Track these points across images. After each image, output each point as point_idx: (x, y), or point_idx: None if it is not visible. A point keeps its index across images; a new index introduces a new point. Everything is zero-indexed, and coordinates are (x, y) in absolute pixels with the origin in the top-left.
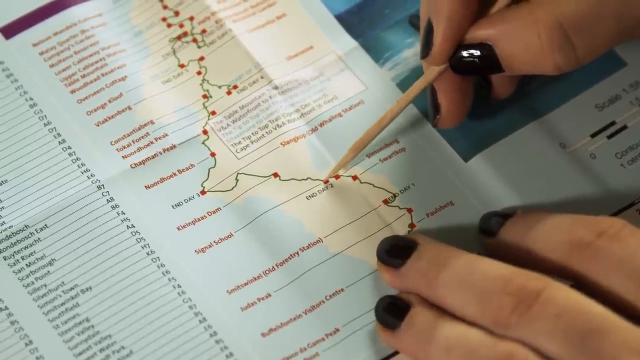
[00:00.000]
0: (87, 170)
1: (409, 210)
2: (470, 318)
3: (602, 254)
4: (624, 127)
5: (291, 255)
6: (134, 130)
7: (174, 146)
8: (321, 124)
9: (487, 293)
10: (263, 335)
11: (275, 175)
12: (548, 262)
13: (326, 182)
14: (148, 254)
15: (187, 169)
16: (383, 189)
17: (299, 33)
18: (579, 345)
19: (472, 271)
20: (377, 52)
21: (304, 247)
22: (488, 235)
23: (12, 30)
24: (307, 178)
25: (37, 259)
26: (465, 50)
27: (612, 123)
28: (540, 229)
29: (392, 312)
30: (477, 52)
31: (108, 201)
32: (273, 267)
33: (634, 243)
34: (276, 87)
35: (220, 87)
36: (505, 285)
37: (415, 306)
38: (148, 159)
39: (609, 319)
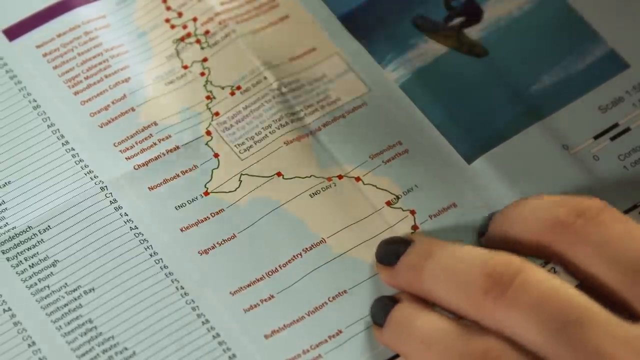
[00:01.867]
0: (91, 171)
1: (412, 212)
2: (452, 306)
3: (582, 237)
4: (627, 129)
5: (294, 256)
6: (137, 131)
7: (178, 147)
8: (324, 125)
9: (464, 279)
10: (266, 337)
11: (279, 174)
12: (530, 244)
13: (329, 179)
14: (151, 255)
15: (191, 170)
16: (386, 190)
17: (302, 34)
18: (558, 336)
19: (453, 259)
20: (380, 53)
21: (307, 248)
22: (481, 236)
23: (15, 31)
24: (311, 175)
25: (40, 260)
26: None
27: (616, 125)
28: (521, 212)
29: (380, 308)
30: None
31: (111, 202)
32: (276, 268)
33: (615, 228)
34: (279, 88)
35: (223, 88)
36: (480, 267)
37: (402, 301)
38: (151, 160)
39: (589, 308)
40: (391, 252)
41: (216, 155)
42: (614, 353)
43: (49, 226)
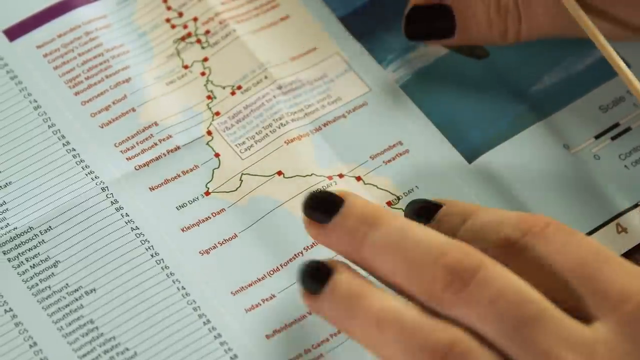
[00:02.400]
0: (91, 172)
1: None
2: (398, 284)
3: (526, 251)
4: (628, 129)
5: (295, 255)
6: (138, 131)
7: (178, 147)
8: (325, 124)
9: (419, 262)
10: (267, 336)
11: (280, 173)
12: None
13: (330, 178)
14: (152, 255)
15: (192, 170)
16: (387, 190)
17: (303, 34)
18: (513, 334)
19: (404, 235)
20: (380, 53)
21: (307, 247)
22: (419, 216)
23: (16, 32)
24: (312, 174)
25: (41, 261)
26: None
27: (616, 125)
28: (469, 226)
29: (313, 274)
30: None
31: (112, 203)
32: (277, 267)
33: (558, 240)
34: (280, 88)
35: (224, 87)
36: (439, 256)
37: (339, 271)
38: (152, 160)
39: (544, 308)
40: (321, 208)
41: (217, 155)
42: (562, 356)
43: (50, 227)
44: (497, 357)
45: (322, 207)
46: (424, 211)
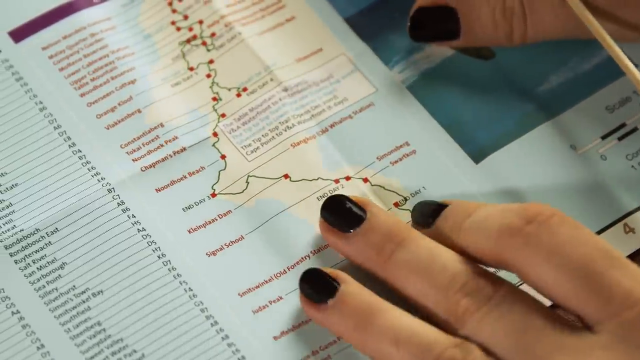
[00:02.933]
0: (98, 173)
1: None
2: (418, 303)
3: (531, 242)
4: (635, 129)
5: (302, 258)
6: (143, 133)
7: (184, 149)
8: (331, 125)
9: (445, 287)
10: (275, 338)
11: (286, 176)
12: (481, 251)
13: (337, 181)
14: (159, 257)
15: (198, 171)
16: (394, 192)
17: (309, 35)
18: (515, 346)
19: (432, 260)
20: (386, 54)
21: (315, 250)
22: (423, 227)
23: (21, 33)
24: (318, 178)
25: (48, 263)
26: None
27: (623, 125)
28: (473, 218)
29: (318, 285)
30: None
31: (119, 204)
32: (285, 269)
33: (564, 232)
34: (286, 89)
35: (230, 89)
36: (465, 283)
37: (347, 284)
38: (158, 161)
39: (545, 318)
40: (343, 215)
41: (223, 157)
42: None
43: (56, 228)
44: None
45: (343, 215)
46: (431, 212)
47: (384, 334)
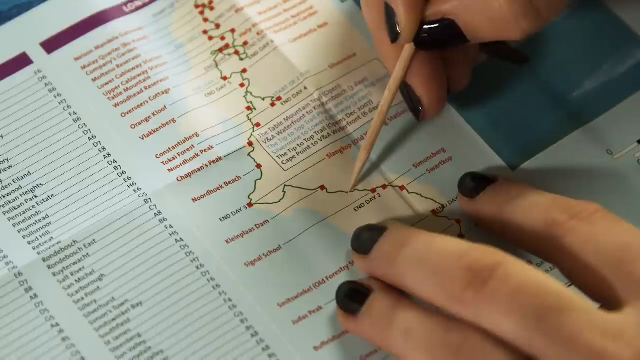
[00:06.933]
0: (134, 184)
1: (458, 221)
2: (427, 296)
3: (571, 233)
4: None
5: (341, 268)
6: (178, 143)
7: (220, 158)
8: (366, 133)
9: (442, 269)
10: (315, 348)
11: (322, 188)
12: (523, 238)
13: (373, 191)
14: (197, 267)
15: (234, 181)
16: (431, 199)
17: (341, 41)
18: (536, 324)
19: (429, 248)
20: None
21: (352, 261)
22: (467, 196)
23: (53, 44)
24: (354, 190)
25: (86, 275)
26: (428, 26)
27: None
28: (520, 203)
29: (352, 297)
30: (440, 28)
31: (156, 215)
32: (323, 279)
33: (604, 224)
34: (320, 98)
35: (264, 99)
36: (459, 259)
37: (375, 291)
38: (194, 171)
39: (567, 297)
40: (365, 240)
41: (259, 166)
42: (590, 339)
43: (94, 240)
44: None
45: (366, 238)
46: (476, 181)
47: (397, 329)
